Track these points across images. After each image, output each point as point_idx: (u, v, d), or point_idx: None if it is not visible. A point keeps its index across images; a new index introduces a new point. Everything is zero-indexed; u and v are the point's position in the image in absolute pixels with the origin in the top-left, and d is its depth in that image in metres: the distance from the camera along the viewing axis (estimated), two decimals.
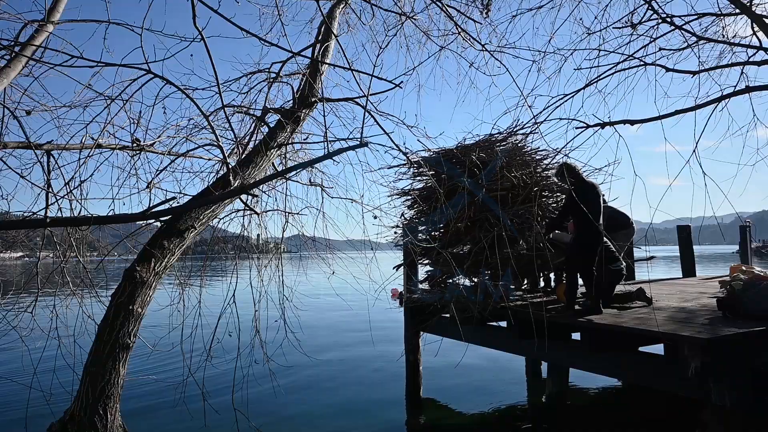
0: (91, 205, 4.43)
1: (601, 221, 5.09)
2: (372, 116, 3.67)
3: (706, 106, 4.24)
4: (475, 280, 5.86)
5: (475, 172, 5.63)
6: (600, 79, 4.85)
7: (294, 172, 4.96)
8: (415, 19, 5.87)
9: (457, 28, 5.27)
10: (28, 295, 4.12)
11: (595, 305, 4.99)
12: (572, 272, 5.40)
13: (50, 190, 3.74)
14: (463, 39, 5.39)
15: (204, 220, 4.21)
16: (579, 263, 5.18)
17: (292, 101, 4.96)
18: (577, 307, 5.44)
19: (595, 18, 5.41)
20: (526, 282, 7.35)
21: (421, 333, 7.44)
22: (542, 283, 7.67)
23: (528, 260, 5.68)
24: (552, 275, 7.50)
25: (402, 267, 6.56)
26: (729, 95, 4.24)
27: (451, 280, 6.19)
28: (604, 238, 5.23)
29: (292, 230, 5.23)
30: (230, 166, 4.12)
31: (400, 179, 6.79)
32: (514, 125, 5.97)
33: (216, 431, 5.39)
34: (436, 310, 6.59)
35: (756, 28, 4.53)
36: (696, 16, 4.90)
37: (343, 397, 7.07)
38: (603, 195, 5.84)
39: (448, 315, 6.92)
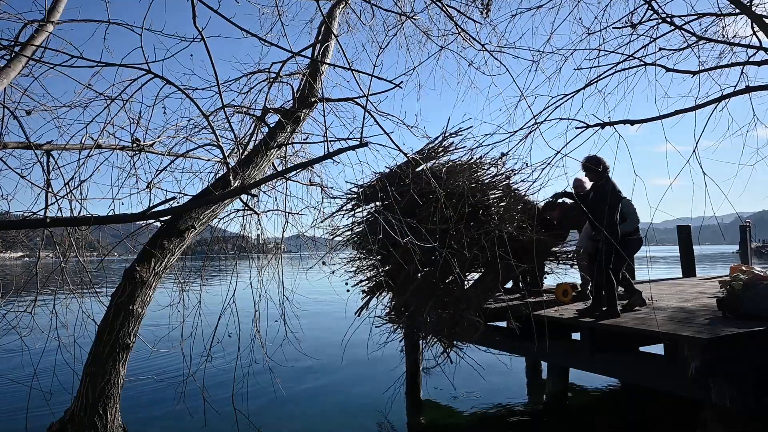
0: (91, 205, 4.43)
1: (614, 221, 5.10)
2: (372, 116, 3.67)
3: (706, 106, 4.24)
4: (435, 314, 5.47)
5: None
6: (600, 79, 4.85)
7: (294, 172, 4.96)
8: (415, 19, 5.88)
9: (457, 28, 5.27)
10: (28, 295, 4.12)
11: (613, 309, 5.01)
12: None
13: (50, 190, 3.74)
14: (463, 39, 5.40)
15: (204, 220, 4.21)
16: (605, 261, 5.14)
17: (292, 101, 4.96)
18: (582, 306, 5.45)
19: (595, 18, 5.41)
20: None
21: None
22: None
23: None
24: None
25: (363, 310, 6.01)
26: (729, 95, 4.23)
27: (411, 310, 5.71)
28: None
29: (292, 230, 5.24)
30: (230, 166, 4.12)
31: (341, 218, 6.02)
32: (445, 131, 5.46)
33: (216, 431, 5.40)
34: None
35: (756, 28, 4.53)
36: (696, 16, 4.89)
37: (343, 397, 7.07)
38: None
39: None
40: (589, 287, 6.71)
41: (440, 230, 4.77)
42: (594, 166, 5.32)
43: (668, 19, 4.80)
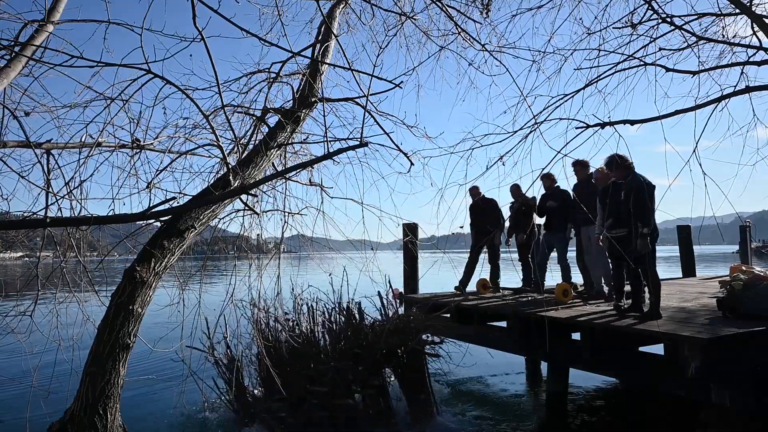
0: (91, 205, 4.43)
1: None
2: (372, 116, 3.68)
3: (706, 106, 4.23)
4: None
5: None
6: (600, 79, 4.83)
7: (294, 172, 4.96)
8: (415, 19, 5.87)
9: (457, 28, 5.27)
10: (27, 296, 4.12)
11: (639, 307, 5.05)
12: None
13: (50, 190, 3.74)
14: (463, 39, 5.39)
15: (204, 220, 4.21)
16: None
17: (292, 101, 4.96)
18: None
19: (595, 18, 5.40)
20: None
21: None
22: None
23: None
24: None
25: None
26: (729, 95, 4.23)
27: None
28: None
29: (292, 230, 5.23)
30: (230, 166, 4.12)
31: None
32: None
33: (215, 430, 5.40)
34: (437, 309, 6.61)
35: (756, 28, 4.53)
36: (696, 16, 4.89)
37: None
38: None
39: (448, 315, 6.92)
40: (604, 285, 6.74)
41: None
42: (619, 162, 5.37)
43: (668, 19, 4.80)
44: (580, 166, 6.94)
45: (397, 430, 5.11)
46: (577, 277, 7.72)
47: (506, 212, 8.22)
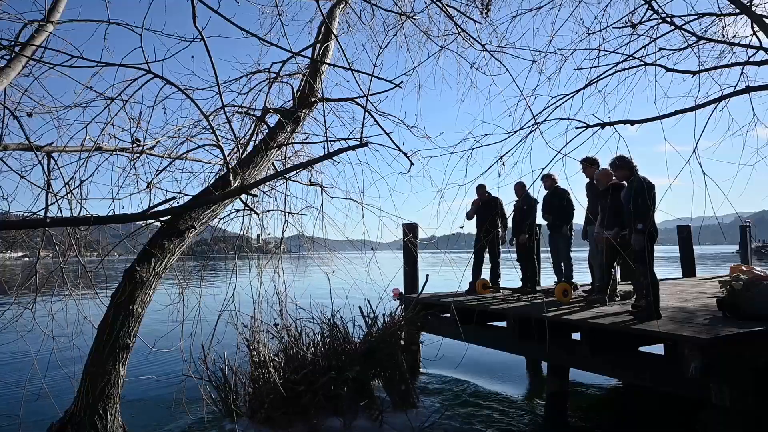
0: (91, 205, 4.43)
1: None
2: (372, 116, 3.68)
3: (706, 106, 4.22)
4: None
5: None
6: (600, 79, 4.83)
7: (294, 172, 4.96)
8: (415, 19, 5.87)
9: (457, 28, 5.27)
10: (25, 295, 4.11)
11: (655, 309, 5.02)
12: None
13: (50, 190, 3.74)
14: (463, 39, 5.39)
15: (204, 220, 4.21)
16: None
17: (292, 101, 4.96)
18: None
19: (595, 18, 5.40)
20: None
21: (421, 333, 7.43)
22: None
23: None
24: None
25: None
26: (729, 95, 4.22)
27: None
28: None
29: (292, 230, 5.24)
30: (230, 166, 4.12)
31: None
32: None
33: (215, 430, 5.39)
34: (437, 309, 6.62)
35: (756, 28, 4.53)
36: (696, 16, 4.89)
37: None
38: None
39: (448, 315, 6.92)
40: (609, 287, 6.73)
41: None
42: (622, 163, 5.40)
43: (668, 19, 4.80)
44: (587, 163, 6.90)
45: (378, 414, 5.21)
46: (580, 277, 7.74)
47: (509, 211, 8.20)
